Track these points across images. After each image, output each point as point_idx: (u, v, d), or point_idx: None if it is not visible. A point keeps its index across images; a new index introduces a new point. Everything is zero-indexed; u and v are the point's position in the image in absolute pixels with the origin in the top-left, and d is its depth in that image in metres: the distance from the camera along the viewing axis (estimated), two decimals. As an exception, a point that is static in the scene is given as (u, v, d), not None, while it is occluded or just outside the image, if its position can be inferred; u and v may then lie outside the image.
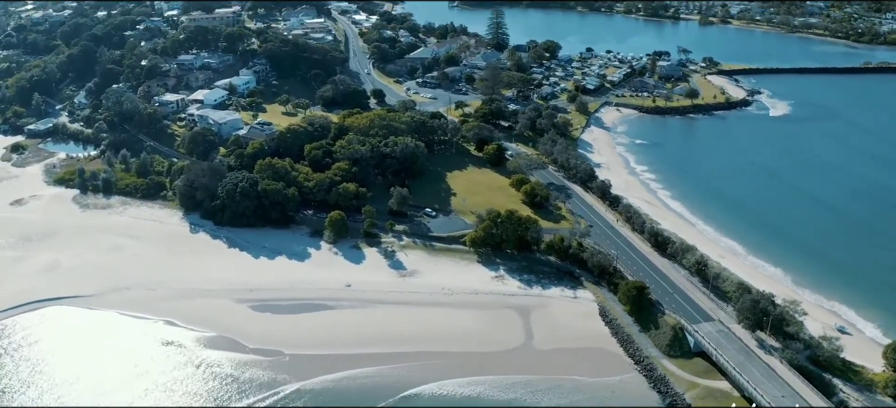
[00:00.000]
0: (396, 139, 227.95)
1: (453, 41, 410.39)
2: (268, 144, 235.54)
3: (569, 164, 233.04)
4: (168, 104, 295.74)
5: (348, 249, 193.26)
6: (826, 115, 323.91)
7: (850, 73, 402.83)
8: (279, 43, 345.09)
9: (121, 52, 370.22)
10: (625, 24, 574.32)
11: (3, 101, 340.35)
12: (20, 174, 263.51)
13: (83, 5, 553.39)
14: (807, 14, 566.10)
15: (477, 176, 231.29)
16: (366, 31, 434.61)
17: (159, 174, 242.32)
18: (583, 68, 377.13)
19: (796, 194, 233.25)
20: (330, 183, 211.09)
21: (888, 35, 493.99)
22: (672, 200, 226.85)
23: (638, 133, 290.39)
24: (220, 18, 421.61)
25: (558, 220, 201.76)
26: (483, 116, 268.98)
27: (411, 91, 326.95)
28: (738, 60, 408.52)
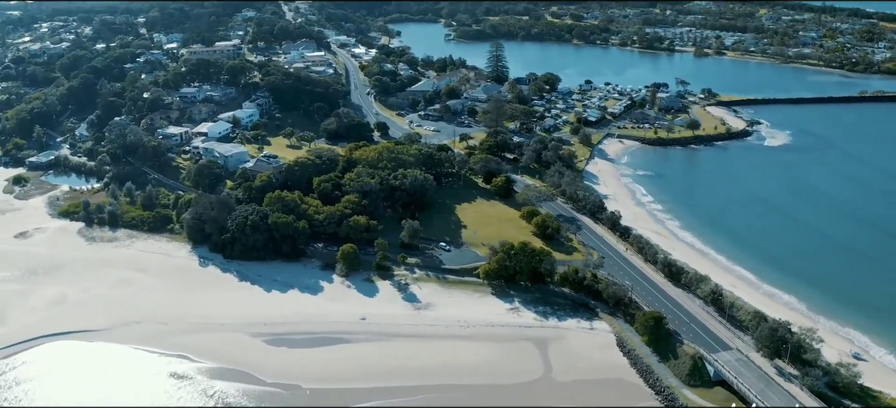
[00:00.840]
0: (405, 172, 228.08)
1: (453, 74, 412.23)
2: (276, 176, 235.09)
3: (577, 195, 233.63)
4: (172, 137, 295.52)
5: (361, 282, 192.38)
6: (825, 144, 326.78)
7: (846, 102, 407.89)
8: (281, 76, 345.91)
9: (121, 84, 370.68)
10: (620, 56, 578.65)
11: (4, 132, 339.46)
12: (23, 207, 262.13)
13: (80, 38, 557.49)
14: (800, 44, 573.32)
15: (486, 208, 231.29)
16: (366, 64, 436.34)
17: (165, 207, 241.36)
18: (583, 101, 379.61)
19: (801, 224, 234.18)
20: (340, 216, 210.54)
21: (882, 64, 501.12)
22: (681, 230, 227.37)
23: (642, 164, 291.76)
24: (221, 51, 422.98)
25: (570, 251, 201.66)
26: (488, 148, 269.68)
27: (414, 124, 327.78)
28: (736, 91, 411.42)
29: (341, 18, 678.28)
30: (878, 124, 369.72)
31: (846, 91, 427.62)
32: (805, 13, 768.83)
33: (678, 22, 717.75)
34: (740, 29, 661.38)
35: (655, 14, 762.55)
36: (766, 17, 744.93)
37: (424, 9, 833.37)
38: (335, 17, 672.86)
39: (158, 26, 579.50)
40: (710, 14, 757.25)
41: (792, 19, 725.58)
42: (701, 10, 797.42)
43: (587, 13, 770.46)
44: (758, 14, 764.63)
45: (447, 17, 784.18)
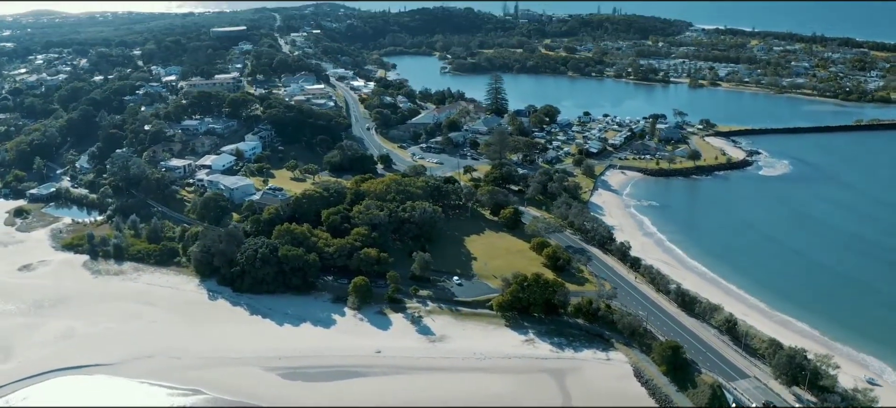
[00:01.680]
0: (414, 204, 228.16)
1: (452, 107, 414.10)
2: (283, 209, 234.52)
3: (585, 227, 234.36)
4: (175, 169, 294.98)
5: (373, 315, 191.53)
6: (825, 173, 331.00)
7: (843, 131, 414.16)
8: (283, 109, 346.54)
9: (121, 116, 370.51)
10: (616, 87, 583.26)
11: (3, 164, 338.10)
12: (26, 239, 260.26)
13: (77, 70, 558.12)
14: (794, 75, 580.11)
15: (495, 240, 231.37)
16: (365, 97, 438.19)
17: (171, 240, 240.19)
18: (583, 132, 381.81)
19: (806, 252, 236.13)
20: (351, 248, 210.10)
21: (875, 93, 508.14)
22: (690, 259, 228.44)
23: (645, 195, 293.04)
24: (221, 84, 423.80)
25: (582, 283, 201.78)
26: (494, 180, 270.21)
27: (417, 156, 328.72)
28: (733, 122, 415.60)
29: (337, 51, 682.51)
30: (876, 153, 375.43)
31: (841, 120, 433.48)
32: (796, 43, 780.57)
33: (671, 54, 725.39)
34: (733, 60, 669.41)
35: (648, 46, 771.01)
36: (758, 48, 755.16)
37: (418, 42, 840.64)
38: (331, 50, 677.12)
39: (155, 59, 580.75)
40: (702, 45, 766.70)
41: (783, 50, 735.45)
42: (693, 42, 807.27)
43: (580, 46, 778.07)
44: (749, 45, 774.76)
45: (441, 50, 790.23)
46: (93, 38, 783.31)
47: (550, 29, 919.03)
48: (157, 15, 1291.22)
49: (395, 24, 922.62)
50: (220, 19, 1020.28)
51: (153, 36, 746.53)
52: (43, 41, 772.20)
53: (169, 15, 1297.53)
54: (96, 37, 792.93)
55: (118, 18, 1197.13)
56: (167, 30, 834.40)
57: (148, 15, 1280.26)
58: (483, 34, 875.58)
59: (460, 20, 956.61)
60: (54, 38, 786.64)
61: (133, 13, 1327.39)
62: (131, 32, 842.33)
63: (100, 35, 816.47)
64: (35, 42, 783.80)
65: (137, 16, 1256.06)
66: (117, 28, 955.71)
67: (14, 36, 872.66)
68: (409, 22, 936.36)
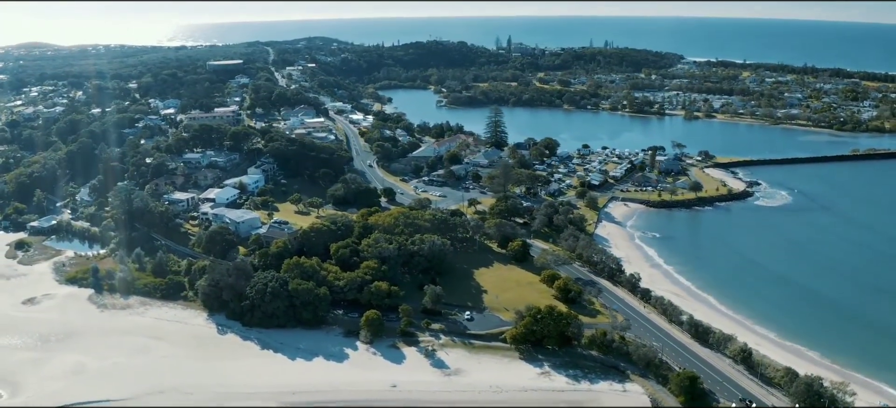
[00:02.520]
0: (422, 237, 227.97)
1: (452, 140, 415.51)
2: (291, 243, 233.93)
3: (593, 259, 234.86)
4: (178, 202, 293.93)
5: (386, 349, 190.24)
6: (825, 203, 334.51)
7: (839, 161, 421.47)
8: (285, 142, 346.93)
9: (121, 149, 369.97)
10: (612, 120, 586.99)
11: (3, 196, 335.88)
12: (28, 272, 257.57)
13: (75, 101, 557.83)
14: (788, 106, 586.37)
15: (504, 273, 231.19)
16: (365, 130, 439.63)
17: (177, 274, 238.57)
18: (584, 165, 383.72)
19: (811, 282, 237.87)
20: (361, 282, 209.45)
21: (869, 122, 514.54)
22: (698, 290, 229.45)
23: (649, 227, 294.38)
24: (220, 117, 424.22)
25: (594, 315, 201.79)
26: (499, 212, 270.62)
27: (419, 189, 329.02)
28: (730, 153, 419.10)
29: (333, 85, 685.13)
30: (874, 182, 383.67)
31: (837, 150, 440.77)
32: (787, 74, 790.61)
33: (665, 86, 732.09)
34: (727, 92, 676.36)
35: (641, 78, 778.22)
36: (750, 79, 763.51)
37: (413, 76, 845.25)
38: (327, 84, 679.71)
39: (152, 92, 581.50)
40: (694, 78, 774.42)
41: (775, 81, 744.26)
42: (685, 74, 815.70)
43: (574, 79, 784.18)
44: (741, 77, 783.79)
45: (436, 83, 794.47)
46: (86, 70, 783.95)
47: (543, 62, 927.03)
48: (149, 48, 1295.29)
49: (390, 58, 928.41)
50: (213, 53, 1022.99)
51: (148, 69, 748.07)
52: (37, 73, 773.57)
53: (161, 48, 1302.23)
54: (90, 69, 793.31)
55: (110, 51, 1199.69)
56: (162, 63, 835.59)
57: (140, 48, 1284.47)
58: (477, 67, 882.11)
59: (454, 54, 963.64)
60: (48, 71, 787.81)
61: (125, 46, 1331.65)
62: (125, 65, 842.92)
63: (93, 68, 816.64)
64: (28, 74, 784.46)
65: (130, 49, 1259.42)
66: (110, 61, 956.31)
67: (7, 68, 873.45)
68: (403, 55, 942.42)
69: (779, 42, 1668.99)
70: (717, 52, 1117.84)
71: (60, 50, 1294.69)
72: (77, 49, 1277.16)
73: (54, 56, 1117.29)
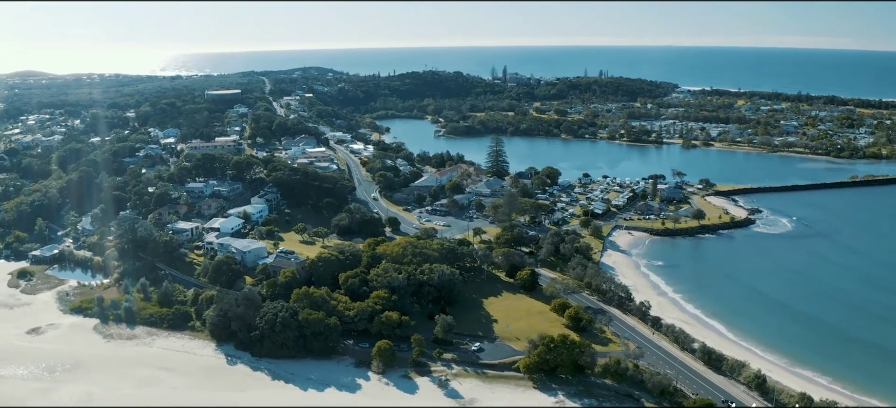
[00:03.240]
0: (432, 267, 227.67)
1: (453, 169, 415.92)
2: (300, 273, 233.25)
3: (602, 287, 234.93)
4: (182, 232, 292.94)
5: (399, 379, 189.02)
6: (827, 230, 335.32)
7: (839, 188, 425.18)
8: (288, 172, 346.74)
9: (122, 178, 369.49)
10: (610, 149, 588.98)
11: (3, 225, 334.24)
12: (31, 302, 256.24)
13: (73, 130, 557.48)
14: (784, 133, 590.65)
15: (513, 302, 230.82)
16: (366, 160, 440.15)
17: (183, 303, 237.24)
18: (586, 193, 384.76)
19: (818, 309, 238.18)
20: (372, 312, 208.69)
21: (866, 149, 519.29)
22: (707, 318, 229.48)
23: (655, 255, 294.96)
24: (222, 147, 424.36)
25: (606, 343, 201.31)
26: (506, 241, 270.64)
27: (423, 219, 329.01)
28: (729, 181, 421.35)
29: (332, 115, 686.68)
30: (874, 208, 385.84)
31: (836, 177, 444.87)
32: (782, 102, 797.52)
33: (661, 115, 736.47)
34: (723, 120, 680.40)
35: (637, 108, 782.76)
36: (746, 108, 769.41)
37: (410, 106, 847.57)
38: (325, 114, 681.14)
39: (151, 121, 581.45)
40: (690, 106, 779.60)
41: (771, 109, 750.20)
42: (681, 103, 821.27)
43: (570, 108, 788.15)
44: (736, 105, 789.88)
45: (433, 113, 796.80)
46: (83, 99, 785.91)
47: (539, 92, 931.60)
48: (144, 78, 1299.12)
49: (386, 88, 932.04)
50: (208, 82, 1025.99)
51: (145, 98, 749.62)
52: (33, 101, 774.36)
53: (156, 78, 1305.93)
54: (86, 98, 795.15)
55: (105, 80, 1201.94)
56: (158, 92, 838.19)
57: (135, 78, 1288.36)
58: (473, 97, 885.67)
59: (449, 84, 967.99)
60: (44, 99, 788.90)
61: (120, 75, 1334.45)
62: (121, 94, 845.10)
63: (89, 96, 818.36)
64: (24, 102, 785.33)
65: (125, 78, 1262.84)
66: (106, 90, 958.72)
67: (2, 96, 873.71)
68: (399, 86, 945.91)
69: (771, 70, 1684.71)
70: (711, 81, 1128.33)
71: (55, 78, 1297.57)
72: (72, 78, 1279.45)
73: (49, 84, 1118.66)
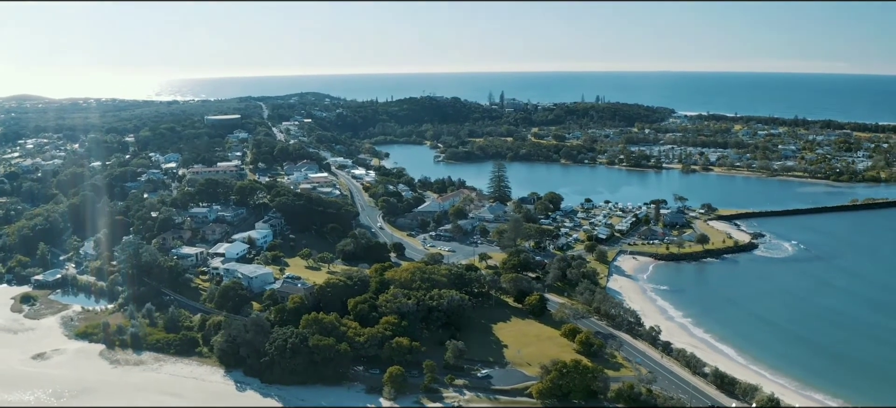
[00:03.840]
0: (440, 292, 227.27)
1: (455, 195, 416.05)
2: (308, 298, 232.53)
3: (611, 312, 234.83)
4: (187, 257, 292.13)
5: (411, 406, 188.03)
6: (830, 253, 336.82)
7: (840, 211, 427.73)
8: (292, 197, 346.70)
9: (125, 202, 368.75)
10: (609, 174, 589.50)
11: (4, 249, 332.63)
12: (36, 327, 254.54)
13: (72, 154, 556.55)
14: (783, 157, 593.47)
15: (523, 327, 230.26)
16: (368, 185, 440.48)
17: (189, 329, 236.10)
18: (589, 218, 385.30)
19: (826, 332, 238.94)
20: (382, 337, 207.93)
21: (865, 172, 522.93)
22: (717, 343, 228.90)
23: (660, 280, 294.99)
24: (224, 172, 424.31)
25: (617, 368, 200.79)
26: (512, 267, 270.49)
27: (428, 244, 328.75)
28: (729, 205, 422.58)
29: (331, 140, 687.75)
30: (876, 231, 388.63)
31: (836, 201, 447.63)
32: (779, 127, 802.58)
33: (659, 140, 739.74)
34: (721, 145, 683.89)
35: (635, 133, 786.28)
36: (743, 132, 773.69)
37: (408, 131, 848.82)
38: (325, 139, 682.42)
39: (151, 146, 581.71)
40: (688, 131, 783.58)
41: (768, 133, 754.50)
42: (678, 128, 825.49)
43: (568, 134, 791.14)
44: (733, 130, 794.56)
45: (432, 139, 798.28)
46: (80, 123, 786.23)
47: (537, 117, 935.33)
48: (141, 102, 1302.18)
49: (384, 114, 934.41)
50: (206, 108, 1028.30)
51: (144, 123, 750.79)
52: (31, 125, 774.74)
53: (153, 103, 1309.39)
54: (84, 122, 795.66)
55: (102, 105, 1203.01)
56: (157, 117, 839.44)
57: (131, 102, 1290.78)
58: (471, 123, 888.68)
59: (447, 109, 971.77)
60: (41, 123, 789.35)
61: (116, 100, 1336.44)
62: (119, 119, 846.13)
63: (88, 121, 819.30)
64: (21, 126, 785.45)
65: (121, 103, 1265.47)
66: (103, 114, 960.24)
67: (0, 120, 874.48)
68: (397, 111, 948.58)
69: (765, 95, 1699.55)
70: (706, 106, 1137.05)
71: (52, 102, 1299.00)
72: (68, 102, 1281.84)
73: (46, 108, 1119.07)
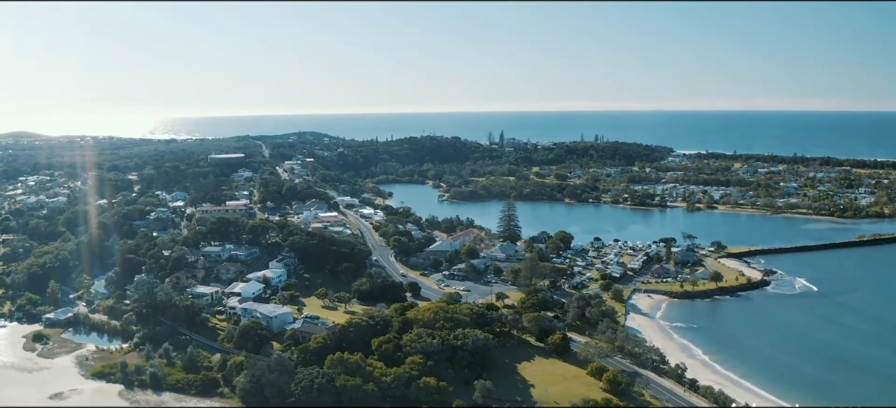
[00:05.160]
0: (465, 331, 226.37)
1: (465, 234, 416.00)
2: (331, 338, 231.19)
3: (635, 351, 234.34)
4: (202, 296, 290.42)
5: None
6: (844, 289, 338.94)
7: (847, 247, 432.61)
8: (305, 236, 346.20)
9: (134, 241, 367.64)
10: (614, 213, 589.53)
11: (13, 286, 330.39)
12: (50, 366, 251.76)
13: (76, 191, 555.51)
14: (785, 195, 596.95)
15: (547, 366, 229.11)
16: (377, 224, 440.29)
17: (209, 369, 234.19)
18: (601, 257, 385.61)
19: (849, 366, 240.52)
20: (408, 378, 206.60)
21: (869, 208, 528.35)
22: (740, 379, 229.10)
23: (677, 317, 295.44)
24: (234, 211, 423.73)
25: (646, 406, 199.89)
26: (532, 306, 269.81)
27: (442, 283, 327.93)
28: (737, 243, 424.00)
29: (335, 179, 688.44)
30: (882, 267, 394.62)
31: (842, 237, 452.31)
32: (779, 165, 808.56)
33: (661, 179, 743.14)
34: (723, 183, 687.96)
35: (636, 172, 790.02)
36: (743, 170, 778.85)
37: (410, 171, 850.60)
38: (329, 178, 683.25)
39: (155, 184, 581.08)
40: (688, 170, 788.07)
41: (768, 171, 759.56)
42: (678, 166, 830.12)
43: (570, 173, 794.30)
44: (733, 168, 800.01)
45: (434, 178, 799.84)
46: (78, 160, 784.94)
47: (537, 156, 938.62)
48: (139, 141, 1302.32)
49: (385, 153, 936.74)
50: (204, 146, 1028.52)
51: (145, 161, 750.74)
52: (29, 163, 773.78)
53: (152, 141, 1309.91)
54: (81, 159, 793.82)
55: (99, 142, 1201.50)
56: (156, 155, 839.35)
57: (129, 140, 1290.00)
58: (472, 162, 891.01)
59: (447, 149, 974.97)
60: (42, 160, 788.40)
61: (114, 138, 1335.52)
62: (118, 157, 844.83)
63: (84, 158, 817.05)
64: (20, 163, 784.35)
65: (119, 141, 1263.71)
66: (102, 152, 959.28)
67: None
68: (398, 151, 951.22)
69: (760, 133, 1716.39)
70: (703, 145, 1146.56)
71: (49, 140, 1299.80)
72: (65, 139, 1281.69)
73: (43, 145, 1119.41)
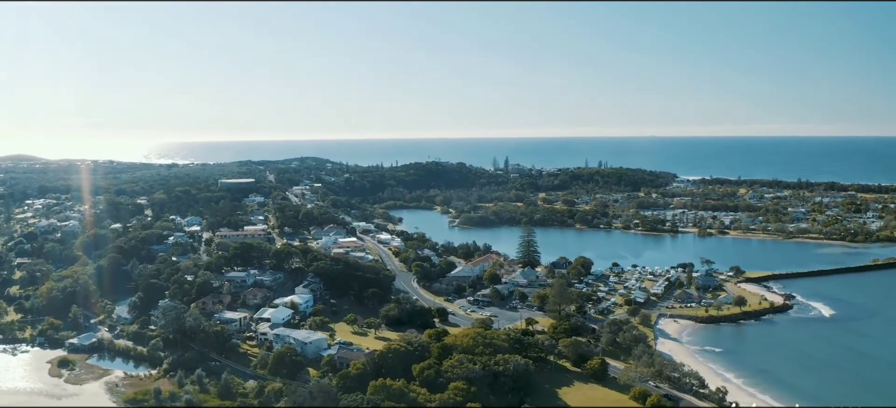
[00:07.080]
0: (506, 357, 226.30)
1: (484, 260, 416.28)
2: (370, 364, 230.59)
3: (673, 375, 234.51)
4: (231, 321, 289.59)
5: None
6: (866, 311, 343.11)
7: (862, 271, 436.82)
8: (330, 262, 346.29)
9: (155, 266, 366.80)
10: (626, 239, 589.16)
11: (33, 311, 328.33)
12: (79, 392, 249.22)
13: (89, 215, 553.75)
14: (795, 220, 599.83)
15: (587, 391, 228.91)
16: (396, 249, 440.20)
17: (244, 396, 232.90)
18: (622, 282, 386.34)
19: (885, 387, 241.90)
20: (452, 404, 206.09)
21: (879, 233, 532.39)
22: (776, 403, 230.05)
23: (705, 341, 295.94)
24: (252, 236, 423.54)
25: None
26: (565, 331, 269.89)
27: (467, 309, 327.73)
28: (752, 268, 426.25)
29: (346, 205, 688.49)
30: None
31: (856, 261, 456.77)
32: (784, 190, 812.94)
33: (668, 204, 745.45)
34: (731, 208, 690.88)
35: (642, 197, 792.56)
36: (750, 196, 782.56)
37: (417, 196, 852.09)
38: (340, 203, 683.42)
39: (167, 209, 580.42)
40: (695, 195, 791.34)
41: (774, 196, 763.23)
42: (685, 192, 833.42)
43: (577, 199, 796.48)
44: (739, 193, 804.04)
45: (441, 204, 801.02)
46: (78, 183, 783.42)
47: (542, 182, 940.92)
48: (139, 165, 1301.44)
49: (391, 179, 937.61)
50: (206, 171, 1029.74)
51: (150, 185, 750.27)
52: (34, 185, 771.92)
53: (153, 165, 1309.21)
54: (80, 183, 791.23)
55: (100, 166, 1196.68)
56: (161, 180, 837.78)
57: (129, 164, 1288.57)
58: (478, 188, 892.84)
59: (453, 174, 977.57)
60: (46, 184, 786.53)
61: (114, 162, 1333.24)
62: (120, 181, 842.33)
63: (80, 181, 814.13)
64: (23, 186, 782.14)
65: (119, 165, 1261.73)
66: (104, 175, 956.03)
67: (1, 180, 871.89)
68: (404, 176, 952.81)
69: (761, 158, 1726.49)
70: (706, 170, 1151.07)
71: (49, 163, 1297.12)
72: (65, 162, 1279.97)
73: (43, 169, 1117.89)
